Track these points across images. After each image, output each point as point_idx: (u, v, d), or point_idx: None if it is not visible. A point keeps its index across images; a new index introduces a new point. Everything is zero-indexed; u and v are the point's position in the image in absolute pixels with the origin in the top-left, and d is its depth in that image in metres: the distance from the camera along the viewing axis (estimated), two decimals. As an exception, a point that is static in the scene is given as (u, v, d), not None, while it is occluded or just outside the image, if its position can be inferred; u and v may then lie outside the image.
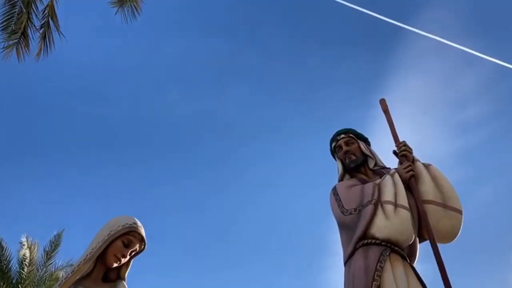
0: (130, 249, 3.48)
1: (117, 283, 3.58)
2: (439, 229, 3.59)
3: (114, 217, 3.62)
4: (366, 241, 3.42)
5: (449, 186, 3.78)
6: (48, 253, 12.70)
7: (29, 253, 11.88)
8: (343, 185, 4.04)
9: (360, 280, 3.19)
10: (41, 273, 12.05)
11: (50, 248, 12.78)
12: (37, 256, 12.26)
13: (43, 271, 12.14)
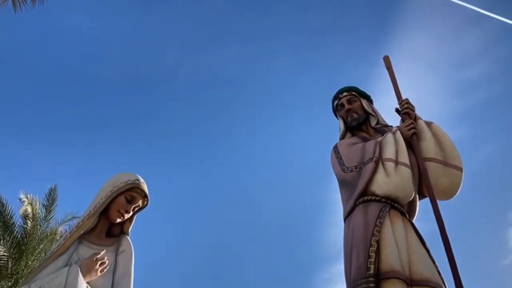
0: (133, 205, 3.54)
1: (121, 237, 3.65)
2: (438, 186, 3.62)
3: (116, 174, 3.66)
4: (366, 197, 3.45)
5: (450, 143, 3.78)
6: (47, 208, 12.87)
7: (31, 209, 12.04)
8: (344, 143, 4.04)
9: (360, 236, 3.23)
10: (44, 227, 12.26)
11: (48, 202, 12.95)
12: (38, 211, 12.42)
13: (45, 225, 12.35)
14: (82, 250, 3.36)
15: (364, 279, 2.93)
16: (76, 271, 3.03)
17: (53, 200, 13.15)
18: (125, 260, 3.49)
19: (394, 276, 2.90)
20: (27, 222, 12.12)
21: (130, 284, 3.39)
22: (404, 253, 3.09)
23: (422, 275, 2.99)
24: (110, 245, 3.53)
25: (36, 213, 12.04)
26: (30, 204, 12.08)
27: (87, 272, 3.11)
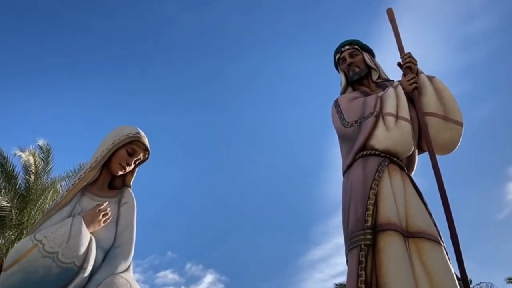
0: (134, 158, 3.56)
1: (123, 189, 3.71)
2: (438, 141, 3.63)
3: (117, 127, 3.66)
4: (366, 152, 3.47)
5: (452, 98, 3.76)
6: (44, 160, 12.93)
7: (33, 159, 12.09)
8: (345, 97, 4.02)
9: (358, 189, 3.26)
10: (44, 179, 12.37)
11: (44, 154, 12.98)
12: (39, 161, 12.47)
13: (45, 177, 12.45)
14: (85, 201, 3.42)
15: (362, 231, 2.99)
16: (79, 222, 3.08)
17: (48, 152, 13.18)
18: (127, 212, 3.55)
19: (391, 228, 2.96)
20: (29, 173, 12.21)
21: (133, 234, 3.46)
22: (402, 206, 3.14)
23: (419, 228, 3.05)
24: (113, 197, 3.59)
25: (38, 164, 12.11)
26: (32, 155, 12.14)
27: (90, 222, 3.17)
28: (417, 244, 2.97)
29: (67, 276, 2.89)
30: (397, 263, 2.81)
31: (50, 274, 2.83)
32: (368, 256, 2.87)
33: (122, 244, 3.35)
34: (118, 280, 3.05)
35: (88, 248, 3.02)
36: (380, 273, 2.81)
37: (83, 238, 3.01)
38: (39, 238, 2.94)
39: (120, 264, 3.22)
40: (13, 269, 2.86)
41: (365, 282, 2.76)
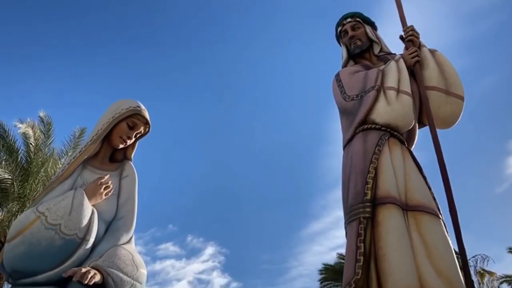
0: (135, 131, 3.56)
1: (124, 163, 3.72)
2: (439, 115, 3.63)
3: (118, 100, 3.65)
4: (366, 126, 3.46)
5: (453, 72, 3.74)
6: (45, 134, 12.89)
7: (32, 132, 12.06)
8: (347, 71, 3.99)
9: (358, 163, 3.28)
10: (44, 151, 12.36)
11: (44, 127, 12.93)
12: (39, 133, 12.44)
13: (45, 150, 12.45)
14: (86, 174, 3.43)
15: (361, 204, 3.02)
16: (81, 194, 3.10)
17: (50, 125, 13.13)
18: (128, 184, 3.57)
19: (390, 202, 2.99)
20: (29, 146, 12.20)
21: (135, 207, 3.49)
22: (401, 180, 3.16)
23: (418, 201, 3.07)
24: (114, 170, 3.60)
25: (37, 136, 12.09)
26: (30, 127, 12.09)
27: (92, 195, 3.19)
28: (416, 218, 3.00)
29: (70, 247, 2.92)
30: (395, 235, 2.84)
31: (53, 245, 2.87)
32: (367, 229, 2.90)
33: (123, 216, 3.38)
34: (120, 252, 3.09)
35: (90, 220, 3.05)
36: (379, 245, 2.84)
37: (85, 210, 3.03)
38: (41, 210, 2.96)
39: (122, 236, 3.26)
40: (16, 241, 2.89)
41: (364, 254, 2.80)
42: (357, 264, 2.77)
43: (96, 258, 3.00)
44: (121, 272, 2.94)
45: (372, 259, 2.82)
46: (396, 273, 2.68)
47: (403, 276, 2.67)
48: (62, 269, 2.87)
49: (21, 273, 2.91)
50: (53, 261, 2.89)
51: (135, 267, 3.07)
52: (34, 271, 2.88)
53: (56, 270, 2.88)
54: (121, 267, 2.96)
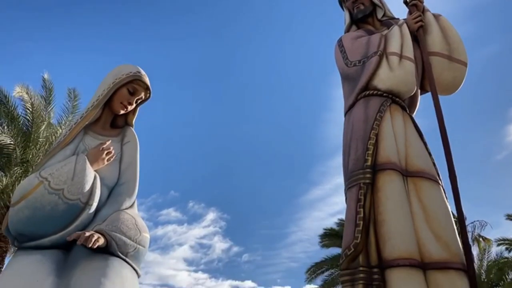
0: (135, 97, 3.55)
1: (125, 128, 3.72)
2: (441, 81, 3.60)
3: (118, 66, 3.63)
4: (368, 92, 3.45)
5: (457, 37, 3.69)
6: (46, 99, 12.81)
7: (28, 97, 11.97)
8: (349, 36, 3.94)
9: (359, 129, 3.28)
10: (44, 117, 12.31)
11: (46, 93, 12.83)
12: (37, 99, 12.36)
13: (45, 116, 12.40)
14: (88, 140, 3.44)
15: (361, 170, 3.04)
16: (83, 159, 3.12)
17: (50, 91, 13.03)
18: (130, 150, 3.58)
19: (390, 168, 3.00)
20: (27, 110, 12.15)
21: (137, 172, 3.51)
22: (402, 146, 3.17)
23: (418, 167, 3.09)
24: (115, 136, 3.61)
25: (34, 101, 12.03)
26: (26, 93, 12.01)
27: (94, 161, 3.21)
28: (415, 183, 3.02)
29: (73, 212, 2.96)
30: (395, 201, 2.87)
31: (57, 210, 2.91)
32: (367, 195, 2.93)
33: (126, 181, 3.40)
34: (123, 216, 3.13)
35: (93, 185, 3.07)
36: (378, 210, 2.88)
37: (88, 175, 3.05)
38: (44, 176, 2.98)
39: (125, 201, 3.29)
40: (20, 205, 2.93)
41: (363, 219, 2.84)
42: (356, 228, 2.81)
43: (99, 222, 3.04)
44: (124, 236, 2.99)
45: (371, 224, 2.86)
46: (395, 238, 2.73)
47: (401, 241, 2.71)
48: (66, 233, 2.92)
49: (26, 237, 2.96)
50: (57, 225, 2.94)
51: (138, 231, 3.11)
52: (39, 234, 2.92)
53: (60, 234, 2.93)
54: (124, 231, 3.01)
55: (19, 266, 2.82)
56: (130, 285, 2.94)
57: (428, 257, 2.72)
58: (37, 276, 2.71)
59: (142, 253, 3.14)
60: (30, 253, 2.89)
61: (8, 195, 10.31)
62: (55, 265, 2.84)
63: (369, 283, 2.63)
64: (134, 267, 3.07)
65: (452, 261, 2.72)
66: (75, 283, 2.71)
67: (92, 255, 2.86)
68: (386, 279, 2.64)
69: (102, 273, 2.77)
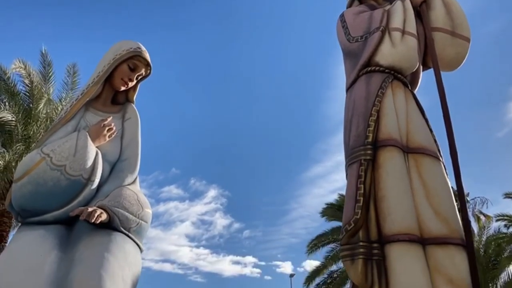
0: (136, 73, 3.54)
1: (126, 105, 3.72)
2: (444, 57, 3.58)
3: (118, 42, 3.61)
4: (370, 68, 3.43)
5: (460, 12, 3.64)
6: (44, 75, 12.73)
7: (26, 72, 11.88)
8: (351, 11, 3.90)
9: (360, 106, 3.27)
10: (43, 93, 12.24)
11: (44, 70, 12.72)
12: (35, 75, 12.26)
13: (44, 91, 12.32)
14: (89, 116, 3.44)
15: (362, 146, 3.04)
16: (85, 136, 3.13)
17: (49, 66, 12.92)
18: (131, 126, 3.59)
19: (391, 144, 3.01)
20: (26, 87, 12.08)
21: (138, 148, 3.53)
22: (403, 123, 3.17)
23: (419, 144, 3.10)
24: (116, 112, 3.61)
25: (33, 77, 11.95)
26: (24, 68, 11.93)
27: (95, 137, 3.22)
28: (416, 160, 3.03)
29: (75, 188, 2.98)
30: (395, 177, 2.88)
31: (59, 186, 2.93)
32: (368, 171, 2.94)
33: (128, 158, 3.42)
34: (126, 192, 3.15)
35: (95, 161, 3.09)
36: (379, 187, 2.90)
37: (90, 151, 3.07)
38: (46, 152, 3.00)
39: (127, 177, 3.32)
40: (23, 181, 2.95)
41: (364, 195, 2.85)
42: (356, 204, 2.83)
43: (101, 198, 3.06)
44: (126, 212, 3.02)
45: (371, 200, 2.88)
46: (395, 213, 2.75)
47: (401, 216, 2.74)
48: (69, 209, 2.95)
49: (29, 212, 2.99)
50: (60, 201, 2.96)
51: (140, 207, 3.14)
52: (42, 210, 2.96)
53: (63, 210, 2.96)
54: (126, 206, 3.04)
55: (23, 241, 2.86)
56: (133, 259, 2.98)
57: (428, 233, 2.75)
58: (41, 250, 2.75)
59: (144, 228, 3.18)
60: (34, 228, 2.92)
61: (10, 171, 10.37)
62: (58, 240, 2.88)
63: (369, 257, 2.66)
64: (137, 242, 3.11)
65: (452, 237, 2.75)
66: (79, 257, 2.74)
67: (95, 230, 2.89)
68: (386, 254, 2.68)
69: (105, 248, 2.81)
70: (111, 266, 2.71)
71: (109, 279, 2.62)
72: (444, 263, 2.65)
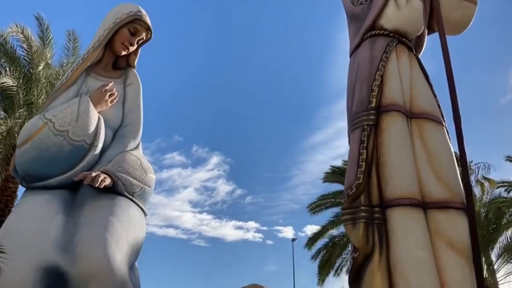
0: (136, 38, 3.50)
1: (127, 70, 3.69)
2: (449, 20, 3.50)
3: (118, 5, 3.54)
4: (374, 32, 3.37)
5: (468, -26, 3.55)
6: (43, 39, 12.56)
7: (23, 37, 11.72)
8: (356, -27, 3.80)
9: (364, 70, 3.23)
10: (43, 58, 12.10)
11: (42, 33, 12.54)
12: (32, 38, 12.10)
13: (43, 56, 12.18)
14: (90, 81, 3.42)
15: (365, 111, 3.02)
16: (87, 101, 3.12)
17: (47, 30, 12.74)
18: (133, 92, 3.58)
19: (394, 109, 2.99)
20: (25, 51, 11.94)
21: (140, 114, 3.52)
22: (407, 87, 3.14)
23: (422, 108, 3.07)
24: (117, 77, 3.59)
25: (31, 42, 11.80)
26: (21, 33, 11.77)
27: (97, 102, 3.21)
28: (419, 124, 3.02)
29: (78, 153, 3.00)
30: (398, 142, 2.88)
31: (62, 151, 2.94)
32: (370, 136, 2.93)
33: (130, 123, 3.42)
34: (129, 157, 3.17)
35: (97, 127, 3.09)
36: (381, 151, 2.89)
37: (92, 117, 3.07)
38: (48, 117, 3.00)
39: (130, 142, 3.33)
40: (26, 146, 2.96)
41: (366, 160, 2.86)
42: (359, 169, 2.84)
43: (105, 163, 3.08)
44: (130, 176, 3.04)
45: (373, 165, 2.88)
46: (397, 178, 2.76)
47: (403, 181, 2.75)
48: (73, 174, 2.97)
49: (33, 177, 3.02)
50: (63, 166, 2.98)
51: (143, 172, 3.16)
52: (46, 175, 2.98)
53: (67, 174, 2.98)
54: (130, 171, 3.06)
55: (29, 205, 2.90)
56: (137, 222, 3.03)
57: (429, 197, 2.76)
58: (46, 214, 2.79)
59: (148, 192, 3.21)
60: (39, 193, 2.96)
61: (13, 137, 10.38)
62: (63, 204, 2.91)
63: (370, 221, 2.69)
64: (141, 206, 3.15)
65: (453, 201, 2.76)
66: (83, 221, 2.79)
67: (99, 194, 2.93)
68: (387, 217, 2.70)
69: (110, 211, 2.85)
70: (115, 229, 2.75)
71: (114, 241, 2.67)
72: (445, 226, 2.68)
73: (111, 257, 2.56)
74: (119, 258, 2.62)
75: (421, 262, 2.52)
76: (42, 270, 2.50)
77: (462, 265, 2.59)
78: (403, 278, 2.49)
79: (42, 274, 2.49)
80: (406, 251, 2.56)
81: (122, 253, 2.67)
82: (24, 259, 2.51)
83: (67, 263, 2.55)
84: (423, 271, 2.50)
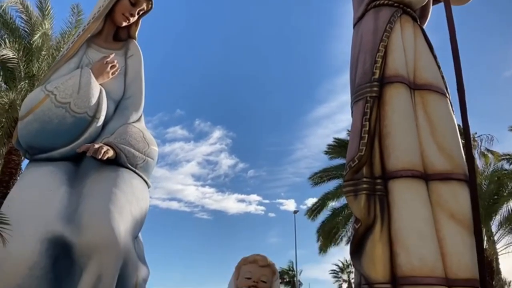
0: (137, 8, 3.45)
1: (128, 42, 3.66)
2: (455, -10, 3.45)
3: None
4: (378, 2, 3.31)
5: None
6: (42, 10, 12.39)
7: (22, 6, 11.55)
8: None
9: (368, 41, 3.19)
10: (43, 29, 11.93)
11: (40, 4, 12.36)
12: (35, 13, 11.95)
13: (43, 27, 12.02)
14: (91, 53, 3.40)
15: (369, 83, 3.00)
16: (88, 73, 3.10)
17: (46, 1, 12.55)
18: (134, 64, 3.55)
19: (398, 81, 2.97)
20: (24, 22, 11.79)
21: (142, 86, 3.50)
22: (411, 59, 3.11)
23: (426, 80, 3.05)
24: (119, 49, 3.55)
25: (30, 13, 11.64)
26: (20, 3, 11.59)
27: (98, 74, 3.19)
28: (422, 96, 3.00)
29: (81, 125, 3.00)
30: (401, 114, 2.87)
31: (65, 123, 2.94)
32: (373, 108, 2.91)
33: (132, 95, 3.41)
34: (131, 129, 3.17)
35: (99, 99, 3.08)
36: (384, 123, 2.88)
37: (93, 89, 3.05)
38: (50, 89, 2.99)
39: (132, 114, 3.32)
40: (28, 118, 2.96)
41: (369, 132, 2.85)
42: (361, 141, 2.83)
43: (107, 135, 3.09)
44: (133, 148, 3.05)
45: (376, 137, 2.87)
46: (399, 150, 2.76)
47: (405, 153, 2.75)
48: (76, 146, 2.98)
49: (36, 149, 3.03)
50: (66, 138, 2.99)
51: (146, 144, 3.17)
52: (48, 147, 2.99)
53: (70, 146, 2.99)
54: (132, 143, 3.06)
55: (32, 177, 2.92)
56: (140, 194, 3.05)
57: (431, 168, 2.77)
58: (50, 185, 2.81)
59: (151, 165, 3.22)
60: (42, 164, 2.97)
61: (15, 109, 10.36)
62: (67, 176, 2.93)
63: (372, 193, 2.70)
64: (144, 178, 3.16)
65: (455, 172, 2.77)
66: (87, 192, 2.81)
67: (102, 166, 2.94)
68: (389, 189, 2.71)
69: (113, 183, 2.87)
70: (119, 200, 2.77)
71: (117, 212, 2.69)
72: (446, 198, 2.69)
73: (115, 227, 2.59)
74: (123, 228, 2.65)
75: (422, 233, 2.54)
76: (47, 240, 2.53)
77: (463, 236, 2.61)
78: (404, 249, 2.52)
79: (47, 244, 2.53)
80: (407, 222, 2.58)
81: (126, 224, 2.70)
82: (29, 230, 2.54)
83: (72, 233, 2.58)
84: (424, 242, 2.52)
